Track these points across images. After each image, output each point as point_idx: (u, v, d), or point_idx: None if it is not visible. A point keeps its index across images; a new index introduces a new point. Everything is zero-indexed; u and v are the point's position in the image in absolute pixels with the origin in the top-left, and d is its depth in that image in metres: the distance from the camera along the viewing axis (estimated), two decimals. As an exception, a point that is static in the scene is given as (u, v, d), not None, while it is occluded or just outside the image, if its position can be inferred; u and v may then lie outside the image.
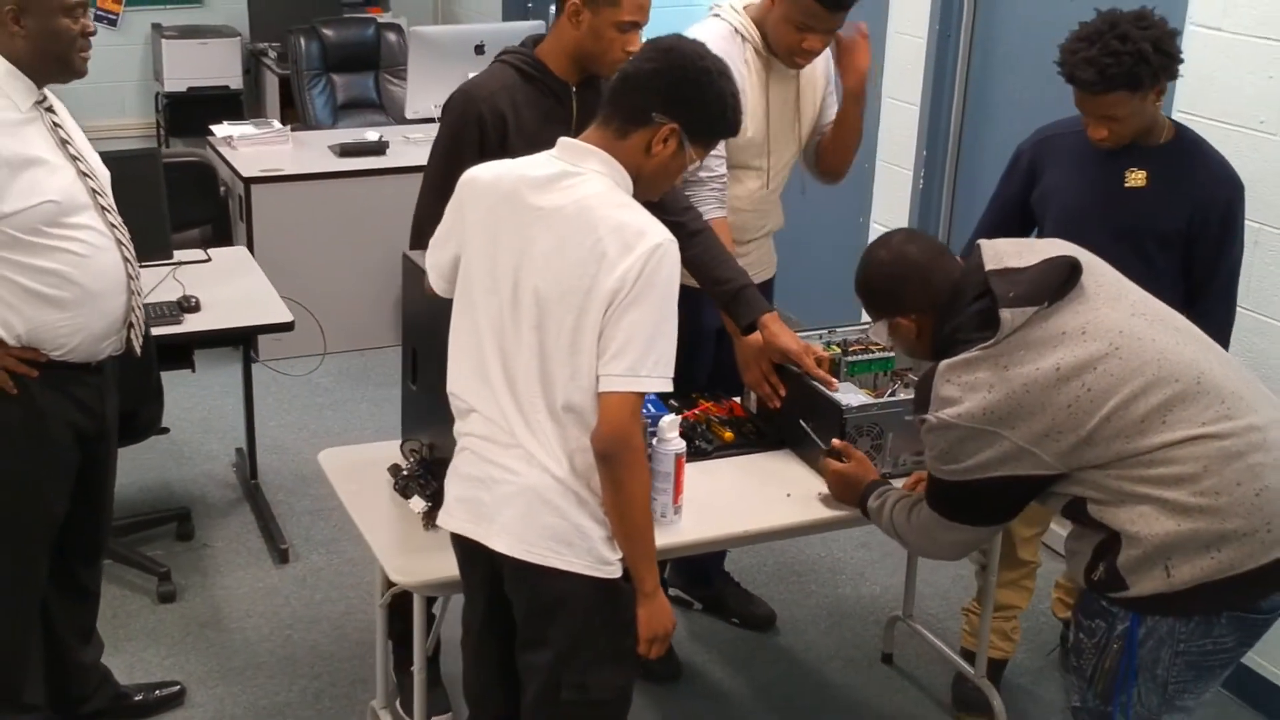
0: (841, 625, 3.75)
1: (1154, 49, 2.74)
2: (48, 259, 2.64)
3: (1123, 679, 2.32)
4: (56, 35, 2.63)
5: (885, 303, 2.48)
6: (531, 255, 2.18)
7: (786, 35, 3.05)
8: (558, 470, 2.17)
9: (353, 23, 6.49)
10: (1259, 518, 2.19)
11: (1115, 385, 2.21)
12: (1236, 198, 2.98)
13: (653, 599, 2.24)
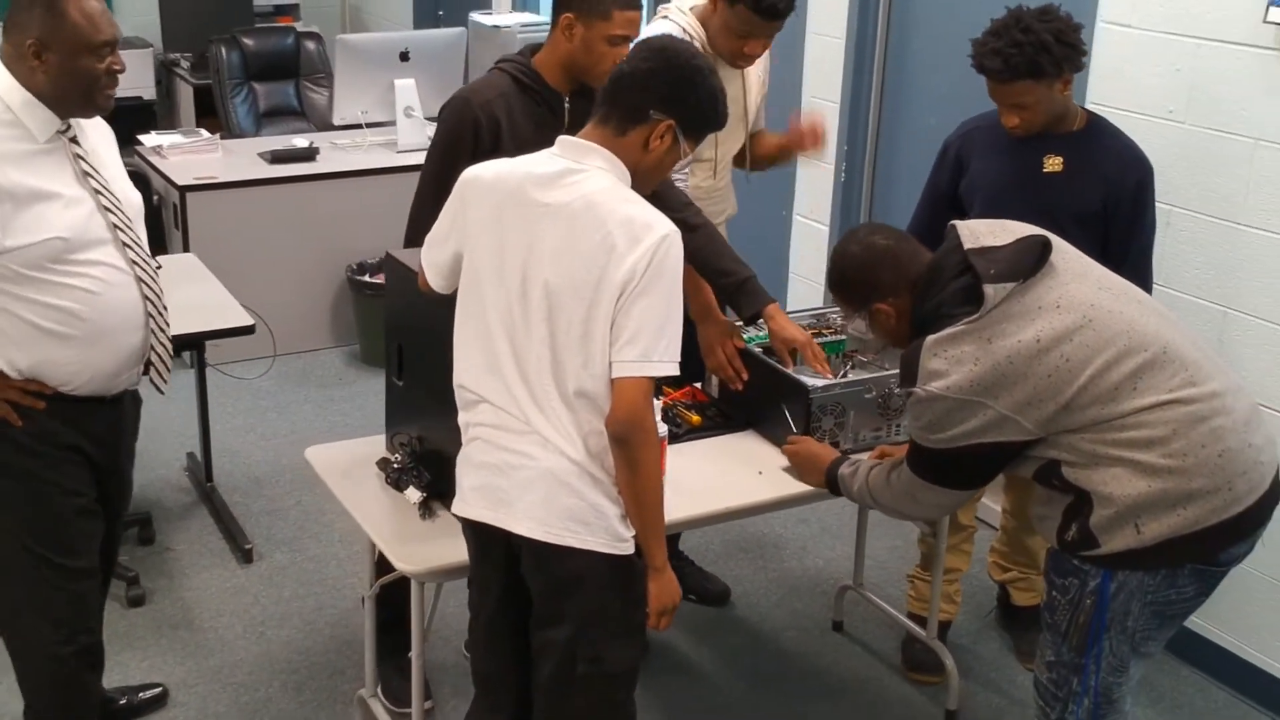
0: (792, 597, 3.83)
1: (1055, 40, 2.89)
2: (54, 295, 2.49)
3: (1095, 632, 2.41)
4: (79, 75, 2.47)
5: (862, 291, 2.54)
6: (540, 250, 2.20)
7: (729, 41, 3.15)
8: (573, 453, 2.20)
9: (272, 32, 6.39)
10: (1221, 477, 2.30)
11: (1090, 355, 2.30)
12: (1146, 178, 3.12)
13: (662, 573, 2.28)
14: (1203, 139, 3.35)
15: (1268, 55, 3.17)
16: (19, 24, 2.44)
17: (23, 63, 2.45)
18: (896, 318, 2.53)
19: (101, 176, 2.56)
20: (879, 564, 3.95)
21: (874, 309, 2.54)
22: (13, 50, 2.46)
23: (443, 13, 7.11)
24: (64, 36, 2.43)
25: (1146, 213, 3.13)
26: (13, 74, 2.46)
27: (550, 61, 2.90)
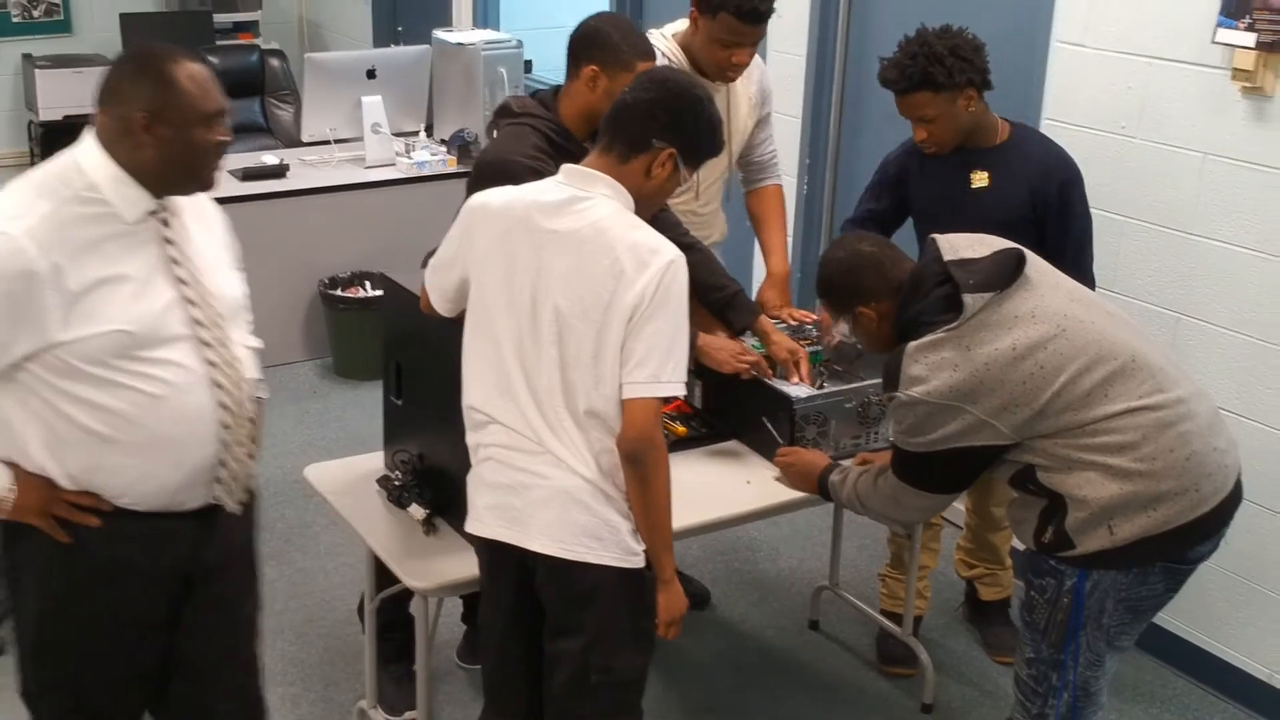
0: (769, 598, 3.87)
1: (949, 53, 2.96)
2: (110, 395, 2.15)
3: (1073, 629, 2.48)
4: (190, 147, 2.17)
5: (847, 295, 2.60)
6: (549, 275, 2.22)
7: (715, 53, 3.17)
8: (586, 472, 2.22)
9: (236, 50, 6.36)
10: (1189, 479, 2.38)
11: (1063, 363, 2.37)
12: (1070, 177, 3.18)
13: (670, 585, 2.32)
14: (1154, 153, 3.43)
15: (1215, 74, 3.25)
16: (123, 95, 2.14)
17: (127, 138, 2.14)
18: (879, 321, 2.58)
19: (192, 265, 2.24)
20: (848, 562, 4.00)
21: (858, 312, 2.59)
22: (114, 124, 2.15)
23: (402, 28, 7.09)
24: (176, 106, 2.14)
25: (1075, 211, 3.19)
26: (109, 150, 2.15)
27: (572, 112, 2.90)
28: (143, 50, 2.21)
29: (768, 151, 3.56)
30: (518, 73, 5.59)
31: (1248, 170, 3.24)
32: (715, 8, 3.12)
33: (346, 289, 5.25)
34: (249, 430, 2.31)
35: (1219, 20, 3.20)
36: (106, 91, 2.17)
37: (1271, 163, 3.19)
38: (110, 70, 2.20)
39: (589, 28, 2.90)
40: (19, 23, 7.17)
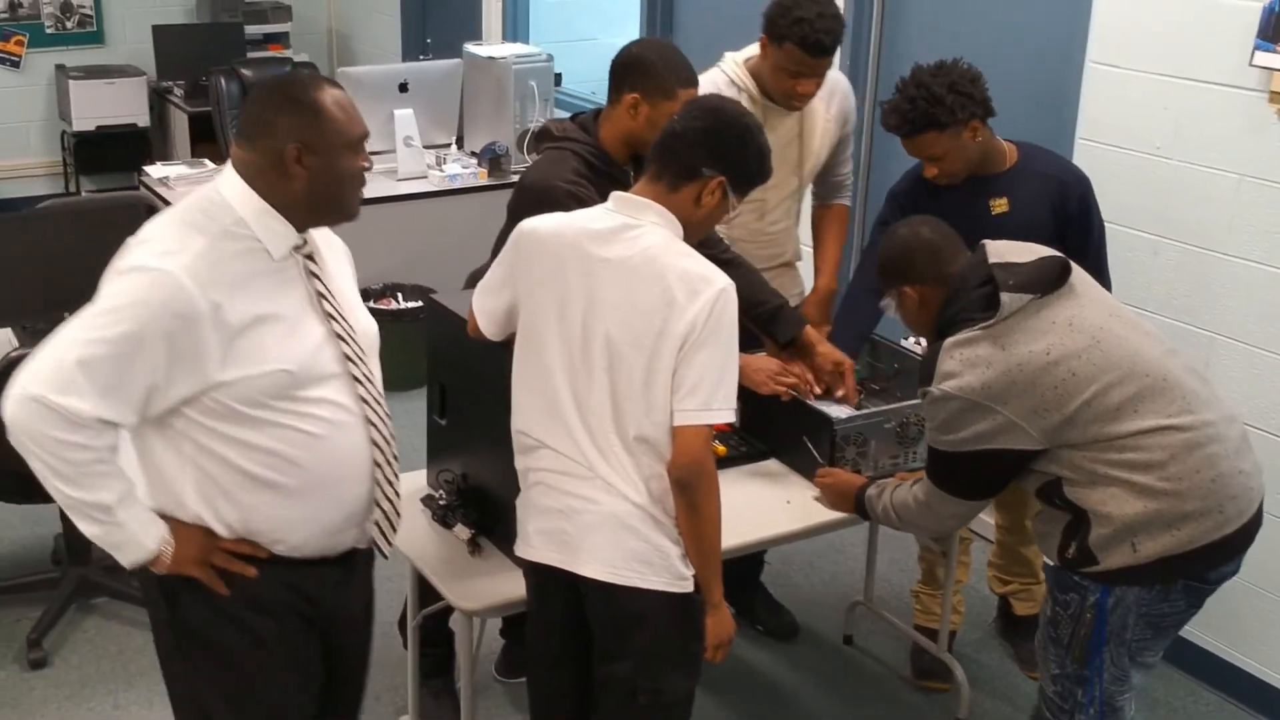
0: (802, 612, 3.86)
1: (949, 90, 2.93)
2: (270, 437, 2.08)
3: (1096, 644, 2.49)
4: (340, 175, 2.10)
5: (897, 272, 2.63)
6: (600, 303, 2.23)
7: (781, 82, 3.18)
8: (636, 497, 2.23)
9: (268, 63, 6.38)
10: (1214, 500, 2.39)
11: (1095, 374, 2.39)
12: (1086, 191, 3.17)
13: (719, 609, 2.32)
14: (1189, 174, 3.42)
15: (1252, 96, 3.24)
16: (271, 128, 2.06)
17: (276, 170, 2.07)
18: (920, 304, 2.60)
19: (335, 300, 2.19)
20: (880, 578, 3.99)
21: (903, 290, 2.62)
22: (262, 158, 2.08)
23: (431, 40, 7.10)
24: (327, 134, 2.07)
25: (1094, 220, 3.18)
26: (253, 185, 2.09)
27: (613, 137, 2.89)
28: (286, 80, 2.14)
29: (844, 172, 3.57)
30: (548, 86, 5.59)
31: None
32: (781, 37, 3.13)
33: (379, 301, 5.26)
34: (396, 468, 2.26)
35: (1257, 43, 3.18)
36: (252, 125, 2.10)
37: (1308, 185, 3.19)
38: (252, 104, 2.13)
39: (631, 54, 2.88)
40: (52, 34, 7.20)
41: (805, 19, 3.09)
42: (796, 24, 3.10)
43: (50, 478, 2.01)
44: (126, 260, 2.04)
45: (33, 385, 1.96)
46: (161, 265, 2.00)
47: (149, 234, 2.08)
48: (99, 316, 1.99)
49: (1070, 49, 3.69)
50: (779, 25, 3.15)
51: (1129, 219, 3.56)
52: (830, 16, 3.14)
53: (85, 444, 1.99)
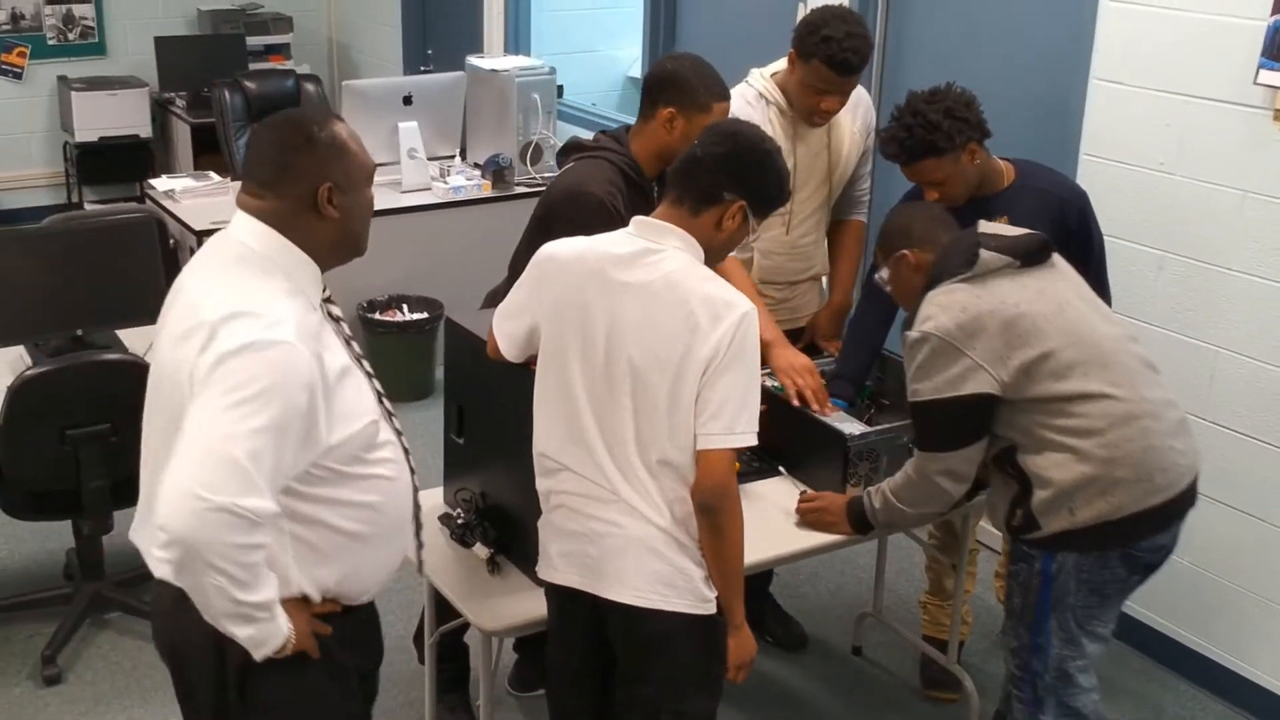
0: (810, 623, 3.86)
1: (945, 116, 2.93)
2: (364, 490, 2.03)
3: (1043, 610, 2.64)
4: (364, 210, 2.07)
5: (896, 238, 2.77)
6: (622, 327, 2.22)
7: (805, 98, 3.19)
8: (660, 520, 2.23)
9: (271, 75, 6.35)
10: (1144, 470, 2.55)
11: (1054, 335, 2.55)
12: (1085, 205, 3.17)
13: (741, 630, 2.32)
14: (1193, 189, 3.43)
15: (1256, 114, 3.25)
16: (295, 171, 1.99)
17: (310, 214, 2.00)
18: (915, 270, 2.72)
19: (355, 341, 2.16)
20: (888, 588, 3.99)
21: (901, 254, 2.74)
22: (290, 204, 2.00)
23: (431, 51, 7.09)
24: (352, 170, 2.03)
25: (1094, 233, 3.19)
26: (285, 233, 2.00)
27: (646, 151, 2.94)
28: (296, 121, 2.05)
29: (863, 188, 3.57)
30: (551, 99, 5.58)
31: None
32: (809, 55, 3.13)
33: (384, 312, 5.25)
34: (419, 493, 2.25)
35: (1261, 62, 3.19)
36: (271, 171, 2.00)
37: (1312, 201, 3.19)
38: (264, 149, 2.03)
39: (665, 70, 2.93)
40: (54, 45, 7.18)
41: (833, 38, 3.10)
42: (824, 42, 3.11)
43: (228, 589, 1.87)
44: (233, 338, 1.88)
45: (210, 493, 1.80)
46: (279, 338, 1.89)
47: (229, 300, 1.93)
48: (242, 405, 1.84)
49: (1074, 65, 3.70)
50: (807, 43, 3.16)
51: (1133, 234, 3.56)
52: (858, 36, 3.14)
53: (261, 543, 1.88)
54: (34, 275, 3.56)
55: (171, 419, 1.93)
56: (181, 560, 1.84)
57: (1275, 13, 3.16)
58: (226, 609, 1.90)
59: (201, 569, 1.84)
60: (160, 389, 2.01)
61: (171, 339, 1.97)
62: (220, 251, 2.05)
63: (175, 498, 1.82)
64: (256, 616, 1.93)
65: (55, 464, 3.34)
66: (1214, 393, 3.48)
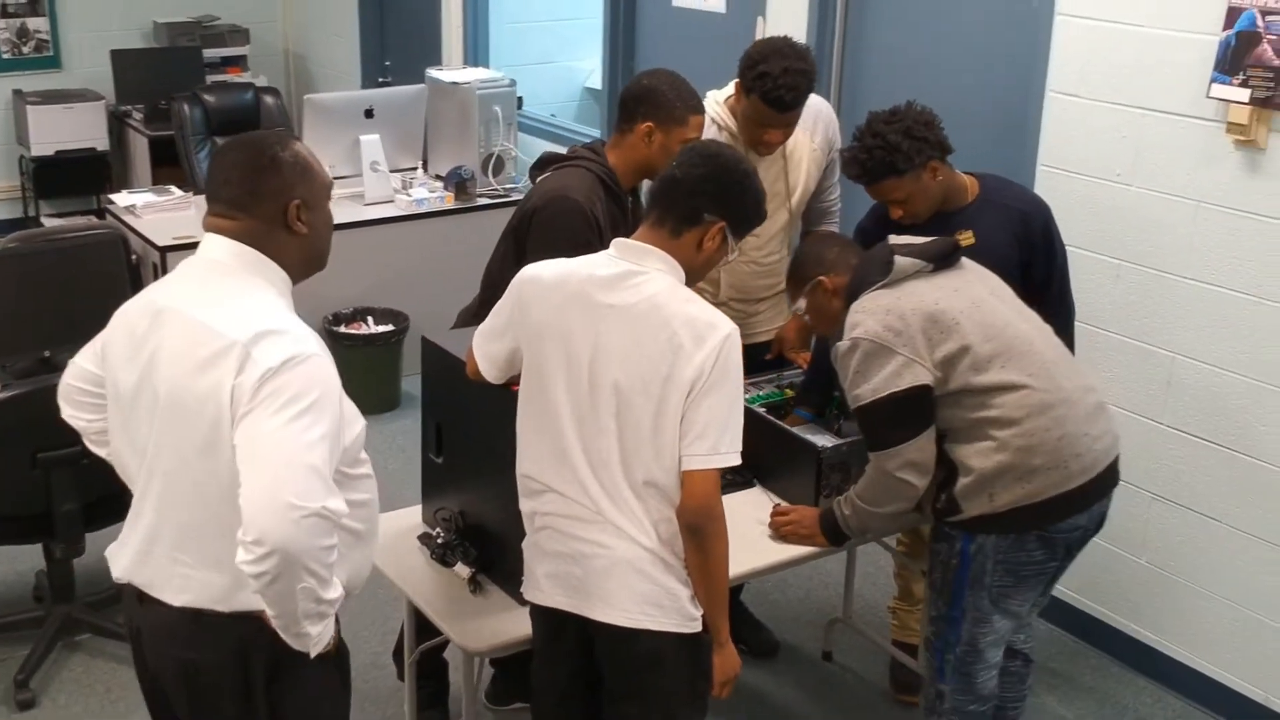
0: (780, 630, 3.86)
1: (905, 136, 2.94)
2: (362, 490, 2.11)
3: (960, 587, 2.75)
4: (328, 224, 2.13)
5: (811, 265, 2.84)
6: (606, 349, 2.21)
7: (749, 130, 3.18)
8: (646, 541, 2.21)
9: (231, 88, 6.27)
10: (1058, 458, 2.64)
11: (971, 330, 2.63)
12: (1047, 216, 3.18)
13: (725, 647, 2.32)
14: (1149, 200, 3.47)
15: (1209, 126, 3.29)
16: (269, 190, 2.03)
17: (281, 231, 2.05)
18: (833, 294, 2.79)
19: None
20: (856, 594, 4.00)
21: (817, 280, 2.81)
22: (265, 223, 2.04)
23: (389, 63, 7.02)
24: (317, 187, 2.09)
25: (1057, 245, 3.20)
26: (260, 249, 2.04)
27: (624, 164, 2.97)
28: (258, 143, 2.08)
29: (831, 199, 3.55)
30: (511, 110, 5.56)
31: (1241, 219, 3.27)
32: (749, 89, 3.13)
33: (350, 325, 5.20)
34: None
35: (1213, 76, 3.23)
36: (245, 195, 2.03)
37: (1264, 212, 3.23)
38: (230, 171, 2.05)
39: (643, 86, 2.95)
40: (9, 59, 7.03)
41: (769, 74, 3.08)
42: (761, 79, 3.09)
43: (316, 589, 1.92)
44: (271, 356, 1.92)
45: (303, 501, 1.85)
46: (310, 350, 1.97)
47: (250, 319, 1.96)
48: (303, 417, 1.89)
49: (1031, 79, 3.72)
50: (746, 77, 3.16)
51: (1091, 244, 3.60)
52: (796, 72, 3.10)
53: (336, 543, 1.94)
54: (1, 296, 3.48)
55: (200, 441, 1.96)
56: (278, 569, 1.86)
57: (1227, 27, 3.20)
58: (309, 609, 1.94)
59: (298, 575, 1.88)
60: (178, 414, 1.99)
61: (191, 364, 1.97)
62: (204, 272, 2.06)
63: (270, 510, 1.85)
64: (329, 613, 1.99)
65: (26, 488, 3.28)
66: (1170, 397, 3.52)
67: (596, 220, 2.87)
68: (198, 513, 2.01)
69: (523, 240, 2.95)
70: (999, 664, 2.86)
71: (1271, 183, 3.20)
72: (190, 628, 2.04)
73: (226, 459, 1.92)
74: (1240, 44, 3.17)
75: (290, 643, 1.99)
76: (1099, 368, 3.60)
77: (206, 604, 2.04)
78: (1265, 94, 3.14)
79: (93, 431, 2.23)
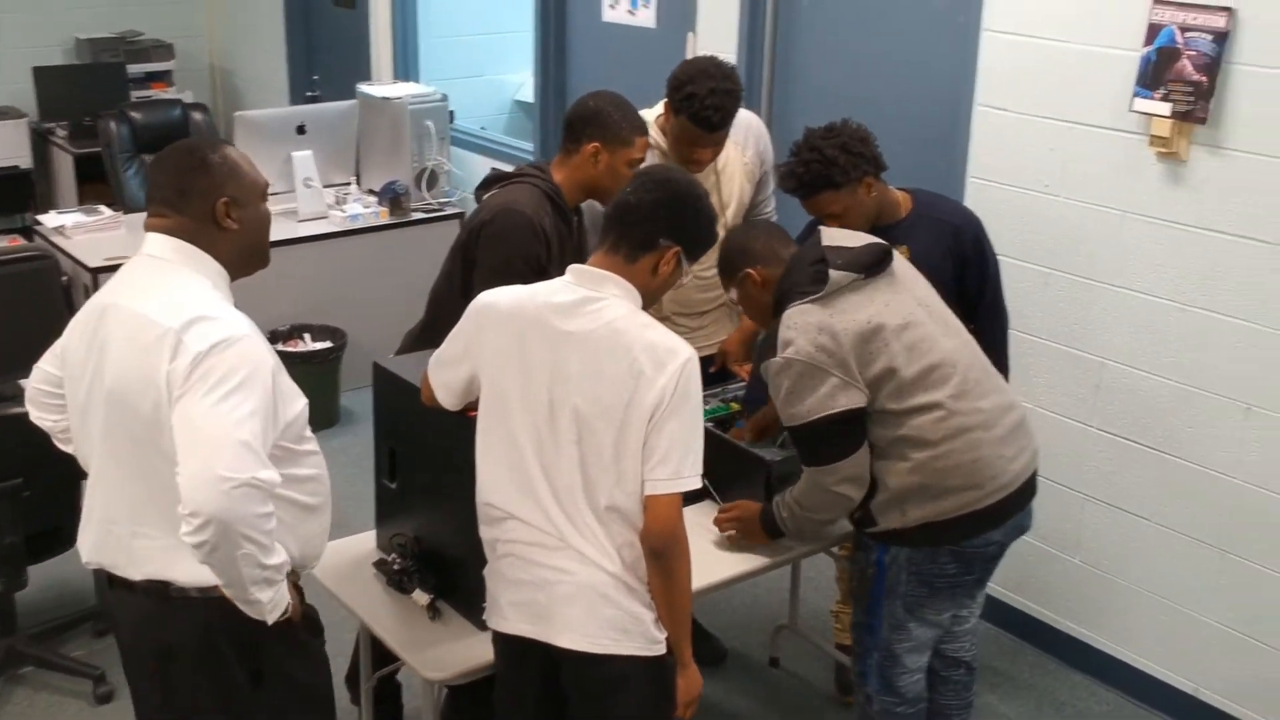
0: (726, 637, 3.85)
1: (841, 151, 2.96)
2: (309, 465, 2.21)
3: (876, 596, 2.77)
4: (263, 222, 2.23)
5: (738, 258, 2.77)
6: (566, 376, 2.17)
7: (679, 149, 3.18)
8: (610, 566, 2.18)
9: (158, 105, 6.11)
10: (973, 479, 2.64)
11: (900, 351, 2.60)
12: (979, 229, 3.21)
13: (689, 669, 2.30)
14: (1076, 211, 3.51)
15: (1133, 139, 3.34)
16: (197, 190, 2.13)
17: (212, 228, 2.14)
18: (762, 286, 2.74)
19: None
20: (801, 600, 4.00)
21: (745, 274, 2.74)
22: (192, 223, 2.14)
23: (318, 77, 6.88)
24: (247, 185, 2.18)
25: (989, 256, 3.23)
26: (197, 244, 2.14)
27: (570, 183, 2.96)
28: (190, 146, 2.20)
29: (767, 211, 3.55)
30: (444, 125, 5.50)
31: (1164, 228, 3.33)
32: (676, 109, 3.13)
33: (287, 342, 5.09)
34: None
35: (1136, 90, 3.28)
36: (173, 194, 2.14)
37: (1186, 221, 3.28)
38: (163, 174, 2.16)
39: (589, 108, 2.95)
40: (-72, 77, 6.80)
41: (696, 95, 3.08)
42: (688, 100, 3.10)
43: (257, 555, 2.00)
44: (201, 339, 2.02)
45: (232, 473, 1.94)
46: (240, 332, 2.06)
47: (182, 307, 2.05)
48: (232, 396, 1.99)
49: (959, 93, 3.75)
50: (674, 98, 3.16)
51: (1020, 253, 3.63)
52: (723, 92, 3.11)
53: (273, 511, 2.02)
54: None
55: (146, 422, 2.06)
56: (216, 539, 1.95)
57: (1147, 44, 3.25)
58: (254, 575, 2.02)
59: (236, 541, 1.96)
60: (124, 400, 2.09)
61: (132, 353, 2.07)
62: (144, 268, 2.17)
63: (202, 484, 1.95)
64: (276, 579, 2.06)
65: (-34, 521, 3.16)
66: (1099, 401, 3.57)
67: (545, 233, 2.85)
68: (153, 486, 2.09)
69: (471, 256, 2.93)
70: (923, 668, 2.86)
71: (1192, 193, 3.26)
72: (160, 607, 2.15)
73: (169, 439, 2.03)
74: (1161, 60, 3.22)
75: (246, 611, 2.06)
76: (1030, 373, 3.64)
77: (166, 575, 2.13)
78: (1186, 108, 3.19)
79: (59, 430, 2.32)
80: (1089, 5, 3.37)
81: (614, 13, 5.07)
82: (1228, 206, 3.20)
